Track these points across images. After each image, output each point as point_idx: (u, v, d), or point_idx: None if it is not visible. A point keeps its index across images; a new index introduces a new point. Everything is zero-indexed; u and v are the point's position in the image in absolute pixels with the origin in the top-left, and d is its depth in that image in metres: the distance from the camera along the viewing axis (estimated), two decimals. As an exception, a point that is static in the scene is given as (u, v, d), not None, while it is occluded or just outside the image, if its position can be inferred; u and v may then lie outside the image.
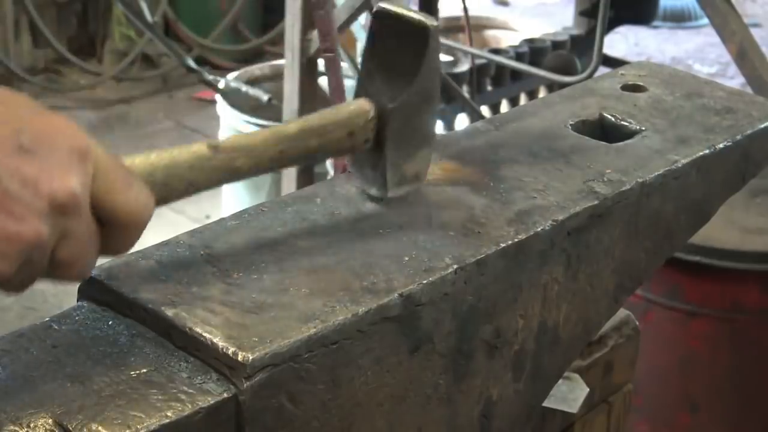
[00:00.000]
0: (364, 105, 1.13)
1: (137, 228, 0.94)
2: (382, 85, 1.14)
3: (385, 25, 1.14)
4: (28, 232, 0.85)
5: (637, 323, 1.54)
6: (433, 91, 1.16)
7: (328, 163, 3.27)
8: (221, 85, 4.30)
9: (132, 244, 0.96)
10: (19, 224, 0.85)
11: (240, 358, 0.92)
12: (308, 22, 3.42)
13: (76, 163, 0.88)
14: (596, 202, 1.19)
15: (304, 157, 1.11)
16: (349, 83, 4.44)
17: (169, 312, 0.97)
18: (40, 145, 0.87)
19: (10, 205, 0.85)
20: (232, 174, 1.05)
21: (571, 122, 1.36)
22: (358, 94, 1.15)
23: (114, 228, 0.93)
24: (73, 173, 0.88)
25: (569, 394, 1.35)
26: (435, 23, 1.12)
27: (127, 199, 0.92)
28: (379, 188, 1.15)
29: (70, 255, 0.90)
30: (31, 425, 0.86)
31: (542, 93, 4.32)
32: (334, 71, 2.52)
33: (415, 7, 4.07)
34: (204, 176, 1.02)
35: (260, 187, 4.02)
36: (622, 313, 1.50)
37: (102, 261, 1.05)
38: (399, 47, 1.13)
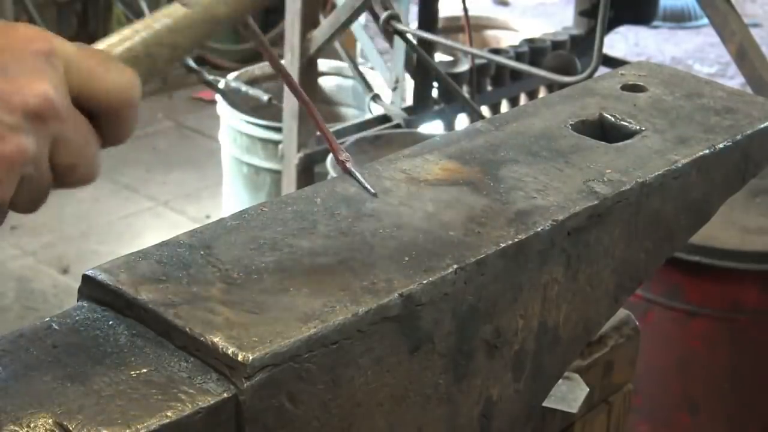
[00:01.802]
0: None
1: (129, 108, 0.90)
2: None
3: None
4: (11, 150, 0.82)
5: (637, 323, 1.54)
6: None
7: (329, 164, 3.27)
8: (221, 85, 4.31)
9: (131, 128, 0.92)
10: (0, 145, 0.82)
11: (240, 358, 0.92)
12: (308, 22, 3.43)
13: (43, 65, 0.84)
14: (596, 202, 1.19)
15: None
16: (349, 83, 4.45)
17: (169, 312, 0.97)
18: (0, 60, 0.84)
19: None
20: (215, 24, 1.00)
21: (571, 122, 1.36)
22: None
23: (107, 116, 0.89)
24: (41, 77, 0.84)
25: (569, 394, 1.35)
26: None
27: (108, 82, 0.88)
28: None
29: (68, 158, 0.86)
30: (31, 425, 0.86)
31: (542, 93, 4.32)
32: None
33: (416, 8, 4.07)
34: (186, 35, 0.98)
35: (260, 187, 4.02)
36: (622, 313, 1.50)
37: (102, 261, 1.05)
38: None
